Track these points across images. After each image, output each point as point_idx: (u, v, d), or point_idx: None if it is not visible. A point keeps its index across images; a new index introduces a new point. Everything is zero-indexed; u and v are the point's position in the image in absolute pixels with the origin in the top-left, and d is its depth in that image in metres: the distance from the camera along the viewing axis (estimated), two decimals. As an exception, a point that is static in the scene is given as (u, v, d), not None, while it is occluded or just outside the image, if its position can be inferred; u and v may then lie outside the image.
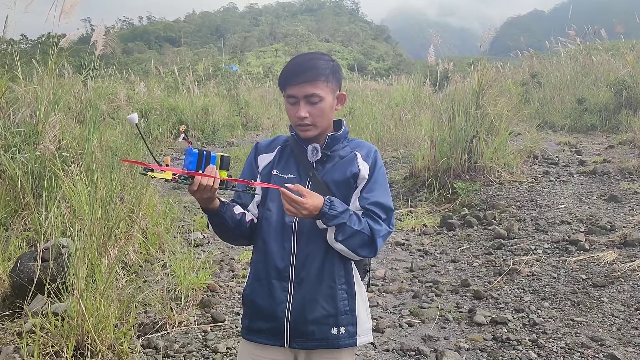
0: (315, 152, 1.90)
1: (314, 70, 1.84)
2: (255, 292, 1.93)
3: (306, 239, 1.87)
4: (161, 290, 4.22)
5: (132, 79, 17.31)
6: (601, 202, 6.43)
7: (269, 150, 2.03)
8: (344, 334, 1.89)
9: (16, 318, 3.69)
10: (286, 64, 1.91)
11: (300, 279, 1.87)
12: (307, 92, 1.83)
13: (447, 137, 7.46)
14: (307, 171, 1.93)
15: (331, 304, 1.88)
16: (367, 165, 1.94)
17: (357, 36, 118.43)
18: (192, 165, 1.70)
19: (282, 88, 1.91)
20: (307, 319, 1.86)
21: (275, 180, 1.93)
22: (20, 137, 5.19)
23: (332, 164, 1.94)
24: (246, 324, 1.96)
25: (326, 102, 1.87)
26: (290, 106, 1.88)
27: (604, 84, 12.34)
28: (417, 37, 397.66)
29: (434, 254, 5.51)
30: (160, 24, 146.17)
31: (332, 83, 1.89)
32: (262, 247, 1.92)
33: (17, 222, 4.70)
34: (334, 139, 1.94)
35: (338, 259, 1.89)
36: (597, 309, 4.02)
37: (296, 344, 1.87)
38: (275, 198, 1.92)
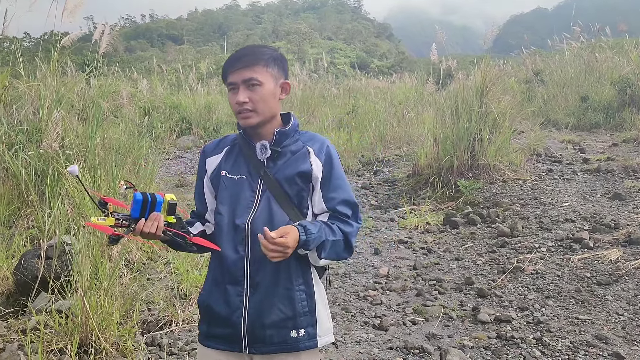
0: (264, 149, 1.83)
1: (252, 55, 1.80)
2: (211, 298, 1.86)
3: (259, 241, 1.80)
4: (164, 288, 4.22)
5: (135, 77, 17.31)
6: (605, 200, 6.41)
7: (217, 151, 1.95)
8: (304, 336, 1.83)
9: (20, 315, 3.70)
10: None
11: (255, 283, 1.80)
12: (245, 76, 1.77)
13: (451, 135, 7.44)
14: (257, 170, 1.85)
15: (289, 307, 1.81)
16: (320, 162, 1.86)
17: (360, 34, 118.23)
18: (136, 212, 1.66)
19: (224, 79, 1.84)
20: (264, 324, 1.80)
21: (225, 181, 1.87)
22: (23, 135, 5.20)
23: (284, 161, 1.85)
24: (204, 330, 1.90)
25: (266, 88, 1.79)
26: (231, 94, 1.81)
27: (607, 81, 12.30)
28: (419, 35, 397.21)
29: (437, 252, 5.50)
30: (163, 22, 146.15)
31: (273, 69, 1.82)
32: (217, 252, 1.85)
33: (21, 219, 4.71)
34: (283, 134, 1.86)
35: (294, 259, 1.80)
36: (602, 307, 4.00)
37: (254, 349, 1.81)
38: (225, 201, 1.85)
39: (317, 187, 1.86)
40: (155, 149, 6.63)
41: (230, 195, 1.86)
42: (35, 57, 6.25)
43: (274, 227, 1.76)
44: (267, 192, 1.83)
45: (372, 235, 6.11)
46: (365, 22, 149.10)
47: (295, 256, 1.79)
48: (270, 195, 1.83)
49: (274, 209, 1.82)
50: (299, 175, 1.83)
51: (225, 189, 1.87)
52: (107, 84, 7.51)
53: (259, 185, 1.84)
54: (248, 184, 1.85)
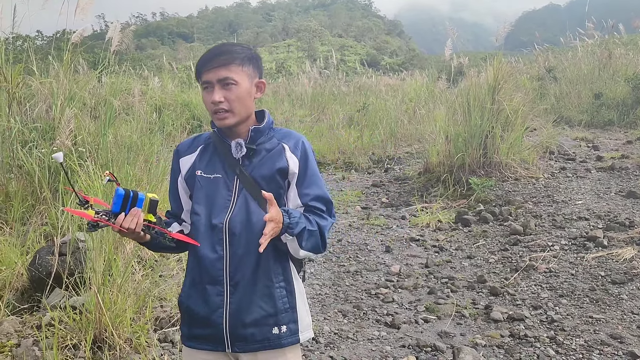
0: (239, 147, 1.81)
1: (227, 54, 1.77)
2: (190, 299, 1.86)
3: (238, 240, 1.78)
4: (177, 284, 4.24)
5: (146, 74, 17.39)
6: (619, 198, 6.34)
7: (190, 151, 1.93)
8: (286, 333, 1.83)
9: (35, 311, 3.73)
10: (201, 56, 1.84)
11: (235, 282, 1.79)
12: (221, 75, 1.75)
13: (462, 132, 7.40)
14: (233, 168, 1.83)
15: (270, 304, 1.81)
16: (295, 159, 1.85)
17: (370, 31, 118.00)
18: (117, 207, 1.67)
19: (198, 77, 1.82)
20: (245, 322, 1.79)
21: (201, 181, 1.85)
22: (37, 133, 5.24)
23: (259, 159, 1.84)
24: (185, 331, 1.90)
25: (242, 87, 1.78)
26: (205, 93, 1.79)
27: (621, 78, 12.17)
28: (429, 32, 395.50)
29: (449, 250, 5.47)
30: (173, 20, 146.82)
31: (249, 68, 1.81)
32: (194, 252, 1.84)
33: (35, 216, 4.75)
34: (258, 131, 1.84)
35: (273, 256, 1.81)
36: (617, 306, 3.96)
37: (237, 348, 1.81)
38: (201, 201, 1.84)
39: (292, 183, 1.86)
40: (167, 146, 6.66)
41: (206, 195, 1.84)
42: (48, 55, 6.30)
43: (252, 226, 1.78)
44: (243, 190, 1.82)
45: (383, 233, 6.10)
46: (376, 19, 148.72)
47: (275, 252, 1.81)
48: (247, 193, 1.81)
49: (252, 208, 1.80)
50: (278, 173, 1.83)
51: (201, 188, 1.85)
52: (118, 82, 7.54)
53: (235, 184, 1.83)
54: (224, 183, 1.83)
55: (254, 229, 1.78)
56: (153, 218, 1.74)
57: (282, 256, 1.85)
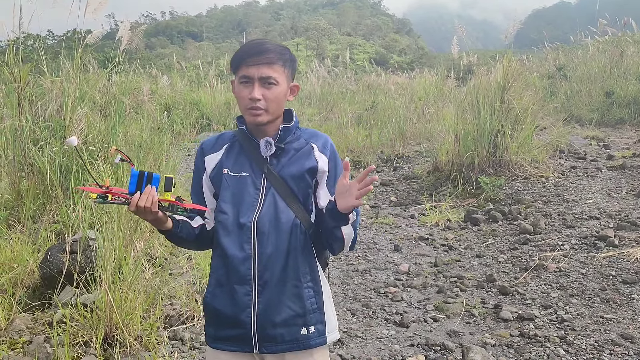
0: (268, 146, 1.79)
1: (273, 53, 1.75)
2: (217, 299, 1.83)
3: (266, 238, 1.77)
4: (186, 283, 4.26)
5: (155, 73, 17.47)
6: (631, 197, 6.29)
7: (216, 149, 1.91)
8: (314, 333, 1.81)
9: (46, 309, 3.77)
10: (241, 46, 1.82)
11: (263, 281, 1.77)
12: (264, 73, 1.73)
13: (472, 131, 7.36)
14: (260, 167, 1.82)
15: (298, 304, 1.79)
16: (325, 158, 1.85)
17: (379, 30, 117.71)
18: (132, 187, 1.66)
19: (235, 68, 1.79)
20: (274, 322, 1.77)
21: (228, 179, 1.84)
22: (48, 132, 5.28)
23: (288, 158, 1.83)
24: (211, 332, 1.87)
25: (281, 88, 1.77)
26: (242, 87, 1.76)
27: (633, 76, 12.06)
28: (438, 31, 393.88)
29: (458, 249, 5.45)
30: (183, 19, 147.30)
31: (288, 70, 1.81)
32: (221, 252, 1.82)
33: (46, 214, 4.79)
34: (287, 130, 1.84)
35: (302, 256, 1.81)
36: (628, 306, 3.93)
37: (265, 349, 1.79)
38: (228, 200, 1.82)
39: (322, 182, 1.85)
40: (176, 145, 6.68)
41: (233, 193, 1.82)
42: (58, 55, 6.34)
43: (281, 225, 1.77)
44: (271, 189, 1.80)
45: (392, 232, 6.09)
46: (385, 17, 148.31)
47: (302, 252, 1.81)
48: (275, 192, 1.80)
49: (280, 207, 1.79)
50: (307, 172, 1.82)
51: (228, 187, 1.83)
52: (128, 81, 7.58)
53: (262, 183, 1.81)
54: (251, 182, 1.82)
55: (282, 227, 1.78)
56: (169, 196, 1.72)
57: (310, 256, 1.84)
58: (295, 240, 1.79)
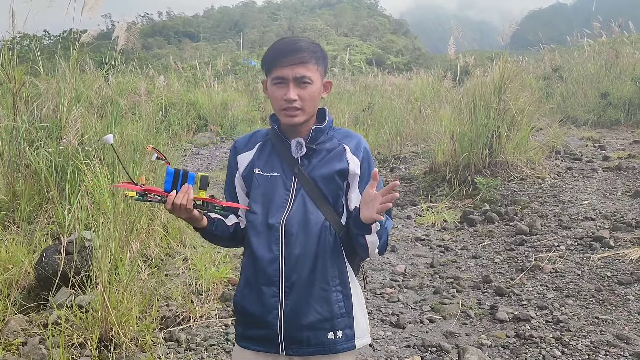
0: (299, 147, 1.77)
1: (306, 52, 1.73)
2: (245, 299, 1.83)
3: (294, 239, 1.75)
4: (182, 284, 4.25)
5: (151, 74, 17.45)
6: (626, 198, 6.31)
7: (248, 147, 1.89)
8: (341, 338, 1.79)
9: (41, 310, 3.75)
10: (273, 45, 1.79)
11: (291, 283, 1.76)
12: (299, 73, 1.71)
13: (468, 132, 7.38)
14: (291, 167, 1.80)
15: (326, 308, 1.77)
16: (357, 160, 1.82)
17: (376, 30, 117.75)
18: (168, 185, 1.68)
19: (268, 69, 1.76)
20: (301, 325, 1.76)
21: (258, 179, 1.83)
22: (44, 132, 5.27)
23: (319, 159, 1.80)
24: (240, 331, 1.88)
25: (316, 87, 1.76)
26: (276, 88, 1.74)
27: (628, 77, 12.10)
28: (435, 31, 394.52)
29: (454, 250, 5.46)
30: (179, 19, 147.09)
31: (321, 68, 1.79)
32: (250, 252, 1.81)
33: (42, 215, 4.77)
34: (319, 131, 1.81)
35: (330, 258, 1.79)
36: (623, 307, 3.94)
37: (291, 351, 1.78)
38: (258, 200, 1.81)
39: (353, 184, 1.83)
40: (173, 145, 6.68)
41: (263, 193, 1.81)
42: (54, 55, 6.32)
43: (310, 226, 1.76)
44: (301, 190, 1.79)
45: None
46: (381, 18, 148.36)
47: (331, 254, 1.79)
48: (305, 193, 1.79)
49: (309, 208, 1.78)
50: (337, 174, 1.80)
51: (258, 186, 1.82)
52: (125, 81, 7.57)
53: (293, 184, 1.80)
54: (282, 182, 1.80)
55: (311, 229, 1.76)
56: (204, 195, 1.72)
57: (339, 258, 1.82)
58: (324, 242, 1.77)
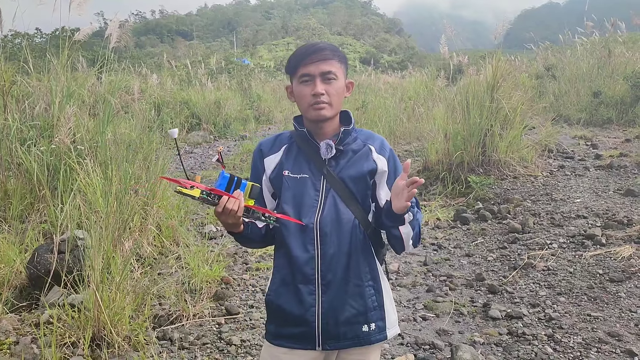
0: (329, 149, 1.82)
1: (328, 51, 1.82)
2: (281, 298, 1.87)
3: (329, 239, 1.81)
4: (175, 282, 4.24)
5: (145, 72, 17.38)
6: (618, 197, 6.35)
7: (274, 150, 1.94)
8: (375, 330, 1.87)
9: (33, 309, 3.74)
10: (295, 51, 1.87)
11: (327, 281, 1.82)
12: (324, 69, 1.78)
13: (461, 130, 7.40)
14: (320, 169, 1.85)
15: (360, 302, 1.85)
16: (384, 159, 1.89)
17: (370, 29, 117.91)
18: (221, 188, 1.71)
19: (293, 70, 1.83)
20: (338, 320, 1.83)
21: (288, 181, 1.87)
22: (35, 131, 5.24)
23: (346, 160, 1.87)
24: (272, 330, 1.91)
25: (340, 83, 1.83)
26: (303, 86, 1.81)
27: (620, 76, 12.17)
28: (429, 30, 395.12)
29: (448, 248, 5.48)
30: (173, 18, 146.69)
31: (344, 67, 1.87)
32: (285, 252, 1.86)
33: (34, 214, 4.75)
34: (347, 133, 1.87)
35: (362, 255, 1.86)
36: (614, 304, 3.97)
37: (328, 346, 1.85)
38: (289, 201, 1.85)
39: (381, 182, 1.90)
40: (166, 144, 6.65)
41: (293, 195, 1.86)
42: (46, 53, 6.28)
43: (342, 225, 1.83)
44: (331, 190, 1.84)
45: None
46: (375, 17, 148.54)
47: (363, 252, 1.86)
48: (335, 193, 1.84)
49: (340, 208, 1.84)
50: (363, 174, 1.86)
51: (289, 188, 1.87)
52: (117, 80, 7.53)
53: (322, 184, 1.85)
54: (311, 183, 1.85)
55: (343, 228, 1.82)
56: (252, 203, 1.76)
57: (369, 255, 1.89)
58: (356, 240, 1.85)
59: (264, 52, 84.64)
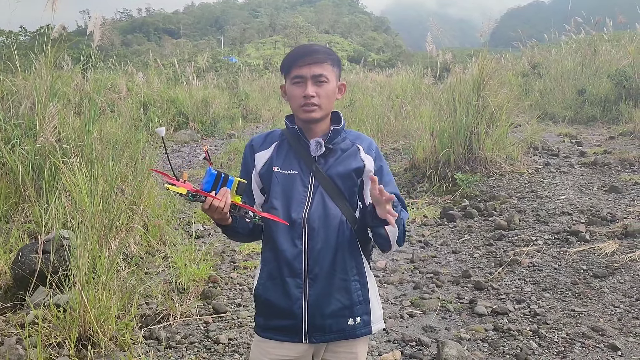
0: (319, 146, 1.88)
1: (322, 54, 1.87)
2: (269, 291, 1.92)
3: (317, 234, 1.86)
4: (162, 281, 4.23)
5: (131, 70, 17.25)
6: (602, 193, 6.43)
7: (265, 146, 1.99)
8: (360, 324, 1.92)
9: (18, 310, 3.70)
10: (290, 51, 1.93)
11: (314, 274, 1.87)
12: (315, 72, 1.84)
13: (448, 128, 7.44)
14: (309, 166, 1.91)
15: (346, 296, 1.90)
16: (371, 158, 1.95)
17: (357, 27, 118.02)
18: (208, 185, 1.74)
19: (287, 71, 1.89)
20: (324, 313, 1.87)
21: (278, 176, 1.91)
22: (20, 130, 5.18)
23: (335, 158, 1.92)
24: (261, 322, 1.96)
25: (332, 85, 1.88)
26: (295, 87, 1.87)
27: (604, 74, 12.31)
28: (416, 29, 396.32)
29: (434, 245, 5.51)
30: (159, 16, 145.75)
31: (336, 70, 1.91)
32: (273, 245, 1.91)
33: (18, 214, 4.71)
34: (336, 132, 1.93)
35: (349, 250, 1.90)
36: (598, 300, 4.02)
37: (314, 339, 1.89)
38: (278, 196, 1.90)
39: (368, 181, 1.92)
40: (152, 143, 6.61)
41: (282, 190, 1.90)
42: (30, 51, 6.21)
43: (329, 222, 1.87)
44: (319, 187, 1.89)
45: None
46: (362, 15, 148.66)
47: (349, 247, 1.91)
48: (323, 190, 1.89)
49: (328, 204, 1.88)
50: (354, 172, 1.92)
51: (278, 184, 1.91)
52: (103, 78, 7.47)
53: (310, 181, 1.90)
54: (300, 179, 1.90)
55: (330, 224, 1.88)
56: (239, 200, 1.79)
57: (356, 251, 1.94)
58: (342, 235, 1.90)
59: (251, 50, 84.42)
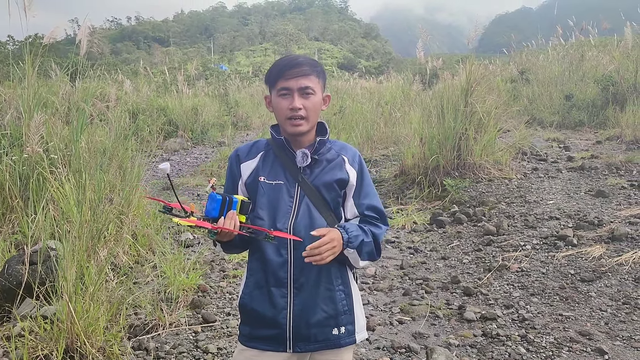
0: (305, 157, 1.89)
1: (307, 66, 1.87)
2: (255, 300, 1.92)
3: (302, 244, 1.85)
4: (151, 291, 4.20)
5: (120, 79, 17.19)
6: (589, 198, 6.49)
7: (251, 156, 2.00)
8: (344, 334, 1.93)
9: (5, 322, 3.66)
10: (275, 62, 1.93)
11: (299, 284, 1.88)
12: (302, 84, 1.84)
13: (437, 134, 7.48)
14: (295, 176, 1.92)
15: (331, 306, 1.91)
16: (354, 171, 1.97)
17: (347, 34, 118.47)
18: (215, 212, 1.76)
19: (273, 82, 1.90)
20: (309, 323, 1.88)
21: (264, 186, 1.92)
22: (6, 140, 5.15)
23: (321, 168, 1.94)
24: (247, 332, 1.96)
25: (318, 97, 1.89)
26: (281, 99, 1.87)
27: (591, 80, 12.45)
28: (405, 35, 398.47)
29: (424, 252, 5.53)
30: (149, 24, 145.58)
31: (322, 81, 1.93)
32: (259, 256, 1.92)
33: (5, 225, 4.66)
34: (322, 143, 1.95)
35: (334, 260, 1.88)
36: (585, 304, 4.05)
37: (299, 348, 1.90)
38: (264, 206, 1.91)
39: (350, 194, 1.97)
40: (142, 152, 6.58)
41: (268, 200, 1.91)
42: (19, 61, 6.18)
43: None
44: (305, 197, 1.91)
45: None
46: (352, 22, 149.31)
47: (335, 259, 1.87)
48: (309, 200, 1.90)
49: (314, 214, 1.90)
50: (337, 183, 1.93)
51: (264, 194, 1.92)
52: (91, 87, 7.44)
53: (296, 191, 1.91)
54: (286, 190, 1.91)
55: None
56: (244, 219, 1.82)
57: (340, 260, 1.93)
58: None
59: (241, 58, 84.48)
